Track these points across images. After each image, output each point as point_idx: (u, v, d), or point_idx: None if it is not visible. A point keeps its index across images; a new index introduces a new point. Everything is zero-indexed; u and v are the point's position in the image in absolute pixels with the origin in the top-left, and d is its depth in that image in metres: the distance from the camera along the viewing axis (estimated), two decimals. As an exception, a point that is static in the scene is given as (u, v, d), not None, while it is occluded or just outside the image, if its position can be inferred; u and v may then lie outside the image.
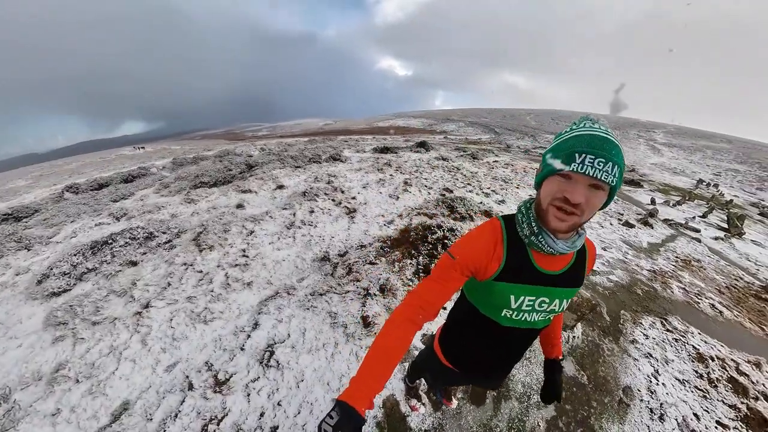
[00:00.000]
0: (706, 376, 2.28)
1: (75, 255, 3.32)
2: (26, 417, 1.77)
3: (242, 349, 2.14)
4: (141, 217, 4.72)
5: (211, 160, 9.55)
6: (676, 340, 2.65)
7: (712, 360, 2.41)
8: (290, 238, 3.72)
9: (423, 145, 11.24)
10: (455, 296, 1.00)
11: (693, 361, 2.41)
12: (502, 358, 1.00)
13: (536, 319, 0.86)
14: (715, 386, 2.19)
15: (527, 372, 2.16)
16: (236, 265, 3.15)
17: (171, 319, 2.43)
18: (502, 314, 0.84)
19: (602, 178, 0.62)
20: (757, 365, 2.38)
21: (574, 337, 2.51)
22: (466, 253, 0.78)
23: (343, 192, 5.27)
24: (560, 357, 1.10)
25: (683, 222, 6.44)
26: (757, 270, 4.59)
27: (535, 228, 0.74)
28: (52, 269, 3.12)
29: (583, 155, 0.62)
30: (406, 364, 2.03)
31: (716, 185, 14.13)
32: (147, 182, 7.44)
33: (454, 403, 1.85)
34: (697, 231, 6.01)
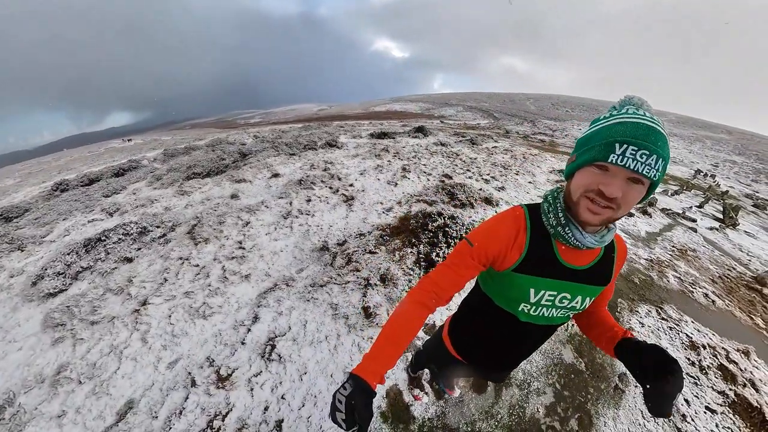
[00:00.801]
0: (697, 363, 2.33)
1: (68, 254, 3.25)
2: (32, 420, 1.77)
3: (243, 344, 2.13)
4: (134, 211, 4.62)
5: (203, 150, 9.30)
6: (671, 328, 2.69)
7: (704, 348, 2.46)
8: (287, 228, 3.66)
9: (421, 130, 10.93)
10: (470, 284, 0.94)
11: (686, 349, 2.46)
12: (514, 353, 0.95)
13: (555, 315, 0.81)
14: (706, 373, 2.25)
15: (528, 360, 2.16)
16: (233, 257, 3.10)
17: (170, 316, 2.40)
18: (520, 308, 0.79)
19: (644, 173, 0.55)
20: (746, 353, 2.45)
21: (572, 324, 2.51)
22: (485, 240, 0.75)
23: (340, 179, 5.15)
24: (630, 335, 0.78)
25: (680, 212, 6.46)
26: (749, 260, 4.65)
27: (562, 218, 0.68)
28: (46, 270, 3.06)
29: (625, 146, 0.55)
30: (409, 355, 2.02)
31: (713, 176, 14.16)
32: (139, 175, 7.26)
33: (457, 391, 1.85)
34: (694, 221, 6.04)
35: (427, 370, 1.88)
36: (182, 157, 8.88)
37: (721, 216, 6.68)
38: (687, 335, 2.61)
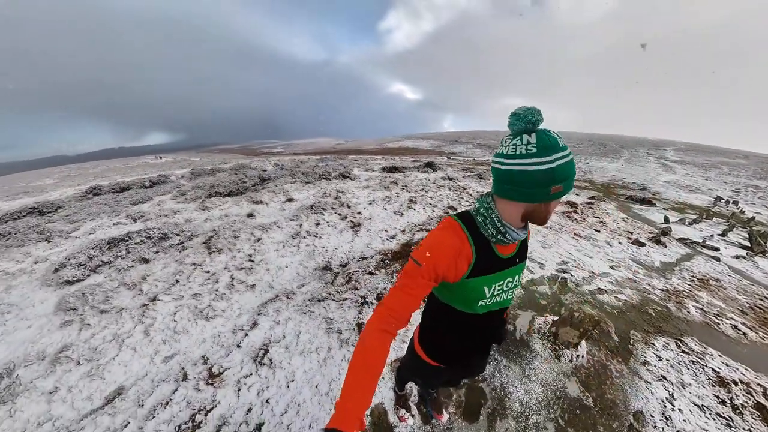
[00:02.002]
0: (729, 401, 2.11)
1: (92, 248, 3.50)
2: (25, 392, 1.84)
3: (239, 346, 2.19)
4: (157, 219, 4.96)
5: (227, 172, 10.01)
6: (694, 362, 2.49)
7: (735, 384, 2.24)
8: (295, 247, 3.85)
9: (430, 165, 11.51)
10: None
11: (713, 386, 2.25)
12: (483, 341, 1.07)
13: (506, 298, 0.95)
14: (740, 413, 2.04)
15: (526, 390, 2.10)
16: (242, 268, 3.27)
17: (175, 313, 2.52)
18: (479, 305, 0.90)
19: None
20: None
21: (578, 356, 2.40)
22: (432, 259, 0.78)
23: (349, 207, 5.45)
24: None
25: (700, 241, 6.20)
26: None
27: (501, 228, 0.79)
28: (69, 260, 3.29)
29: (565, 182, 0.70)
30: (395, 372, 2.03)
31: (736, 202, 13.64)
32: (166, 189, 7.83)
33: (445, 416, 1.81)
34: (716, 250, 5.76)
35: (415, 387, 1.87)
36: (207, 177, 9.57)
37: (748, 243, 6.31)
38: (714, 369, 2.40)
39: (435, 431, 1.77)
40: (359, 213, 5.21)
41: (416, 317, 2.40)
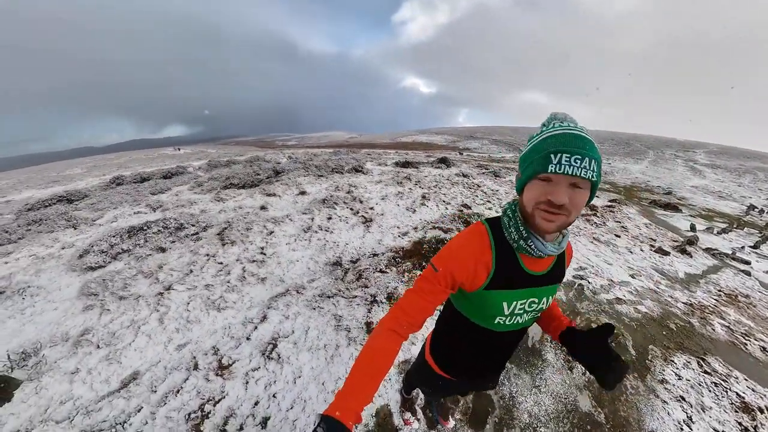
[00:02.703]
0: (753, 430, 1.99)
1: (114, 236, 3.65)
2: (50, 371, 1.93)
3: (248, 339, 2.23)
4: (174, 209, 5.11)
5: (242, 164, 10.20)
6: (716, 384, 2.35)
7: (761, 412, 2.10)
8: (306, 241, 3.87)
9: (444, 161, 11.32)
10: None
11: (737, 411, 2.11)
12: (497, 360, 1.01)
13: (527, 320, 0.87)
14: None
15: (536, 401, 2.03)
16: (254, 260, 3.31)
17: (188, 303, 2.58)
18: (495, 321, 0.83)
19: (581, 175, 0.61)
20: None
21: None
22: (450, 264, 0.74)
23: (361, 202, 5.43)
24: (574, 324, 0.93)
25: (730, 252, 5.84)
26: None
27: (524, 232, 0.72)
28: (92, 246, 3.44)
29: (559, 155, 0.62)
30: (403, 375, 2.01)
31: None
32: (183, 180, 8.06)
33: (451, 423, 1.78)
34: (747, 263, 5.40)
35: (421, 392, 1.84)
36: (223, 168, 9.78)
37: None
38: (738, 394, 2.26)
39: (440, 437, 1.74)
40: (371, 208, 5.19)
41: (429, 324, 2.36)
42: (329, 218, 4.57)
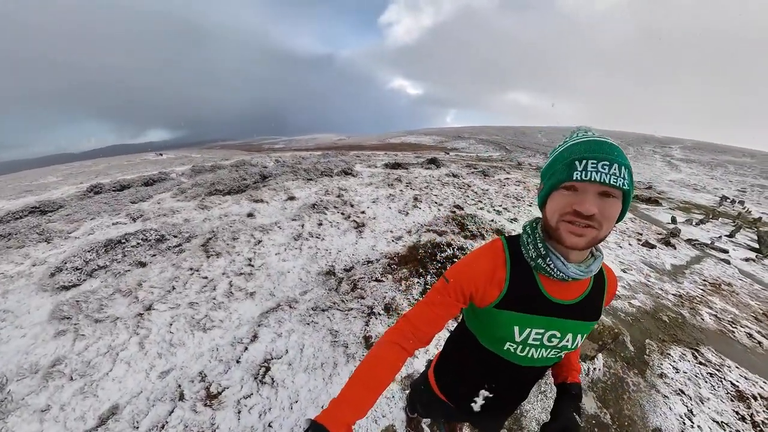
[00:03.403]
0: (749, 418, 2.04)
1: (89, 251, 3.40)
2: (17, 410, 1.74)
3: (238, 362, 2.09)
4: (156, 219, 4.85)
5: (227, 169, 9.89)
6: (711, 374, 2.41)
7: (755, 399, 2.17)
8: (297, 250, 3.72)
9: (434, 162, 11.32)
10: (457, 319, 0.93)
11: (732, 400, 2.17)
12: (502, 396, 0.88)
13: (545, 356, 0.75)
14: (761, 431, 1.96)
15: (543, 408, 2.00)
16: (241, 273, 3.15)
17: (171, 324, 2.41)
18: (505, 348, 0.74)
19: (611, 182, 0.55)
20: None
21: (594, 369, 2.32)
22: (462, 275, 0.71)
23: (352, 206, 5.31)
24: (576, 381, 0.87)
25: (709, 242, 6.11)
26: None
27: (542, 249, 0.66)
28: (65, 263, 3.19)
29: (585, 161, 0.57)
30: (407, 393, 1.92)
31: (742, 202, 13.43)
32: (166, 186, 7.73)
33: None
34: (725, 252, 5.68)
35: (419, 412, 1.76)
36: (208, 174, 9.45)
37: (756, 245, 6.24)
38: (732, 383, 2.32)
39: (448, 456, 1.66)
40: (363, 212, 5.07)
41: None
42: (320, 224, 4.44)
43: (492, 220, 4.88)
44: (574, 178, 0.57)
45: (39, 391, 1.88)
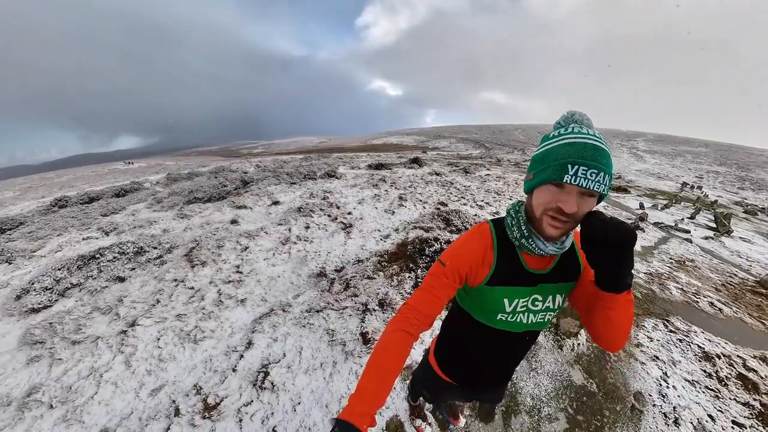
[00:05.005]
0: (715, 375, 2.26)
1: (59, 269, 3.17)
2: (-10, 448, 1.61)
3: (234, 371, 2.02)
4: (131, 231, 4.59)
5: (206, 176, 9.51)
6: (681, 340, 2.65)
7: (719, 358, 2.40)
8: (286, 254, 3.65)
9: (416, 161, 11.49)
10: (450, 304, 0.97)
11: (700, 361, 2.40)
12: (500, 364, 0.97)
13: (533, 321, 0.84)
14: (726, 385, 2.17)
15: (535, 384, 2.10)
16: (230, 281, 3.05)
17: (158, 339, 2.30)
18: (498, 318, 0.83)
19: (595, 189, 0.61)
20: (764, 359, 2.39)
21: (578, 344, 2.49)
22: (456, 259, 0.78)
23: (338, 207, 5.27)
24: None
25: (673, 224, 6.58)
26: (750, 266, 4.69)
27: (525, 231, 0.73)
28: (33, 284, 2.96)
29: (576, 167, 0.61)
30: (408, 383, 1.95)
31: (700, 187, 14.63)
32: (140, 197, 7.33)
33: (462, 421, 1.77)
34: (688, 232, 6.14)
35: (423, 399, 1.80)
36: (185, 181, 9.05)
37: (714, 225, 6.78)
38: (699, 346, 2.55)
39: (452, 440, 1.71)
40: (349, 213, 5.05)
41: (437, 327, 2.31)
42: (307, 227, 4.37)
43: (475, 215, 5.01)
44: (564, 180, 0.62)
45: (14, 423, 1.73)
